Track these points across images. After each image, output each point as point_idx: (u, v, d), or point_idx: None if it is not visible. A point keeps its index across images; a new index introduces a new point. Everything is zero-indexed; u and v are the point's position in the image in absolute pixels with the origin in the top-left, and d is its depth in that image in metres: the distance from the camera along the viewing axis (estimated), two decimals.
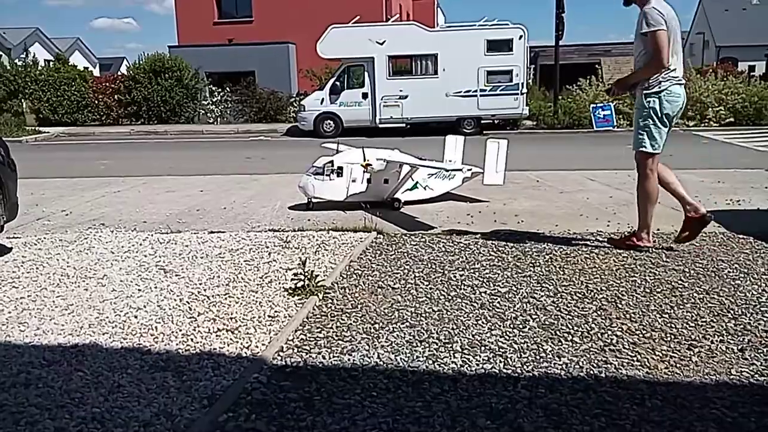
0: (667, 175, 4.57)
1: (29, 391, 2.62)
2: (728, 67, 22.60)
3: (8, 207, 4.80)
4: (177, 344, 3.09)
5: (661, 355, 2.89)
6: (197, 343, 3.10)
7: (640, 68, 4.38)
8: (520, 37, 16.48)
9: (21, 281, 4.15)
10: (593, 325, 3.24)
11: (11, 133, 17.97)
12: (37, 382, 2.70)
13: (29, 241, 5.24)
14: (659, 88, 4.30)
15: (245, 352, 2.98)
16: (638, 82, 4.39)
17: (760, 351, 2.91)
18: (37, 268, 4.45)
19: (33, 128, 20.40)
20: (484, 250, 4.71)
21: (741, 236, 4.95)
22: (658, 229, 5.25)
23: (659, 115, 4.33)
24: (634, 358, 2.85)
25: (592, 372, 2.73)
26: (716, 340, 3.03)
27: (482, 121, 16.96)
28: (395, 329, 3.24)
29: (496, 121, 17.27)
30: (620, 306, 3.51)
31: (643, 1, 4.31)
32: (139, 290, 3.92)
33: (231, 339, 3.14)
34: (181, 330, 3.26)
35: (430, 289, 3.87)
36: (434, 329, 3.23)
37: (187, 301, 3.69)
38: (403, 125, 17.17)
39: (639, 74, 4.37)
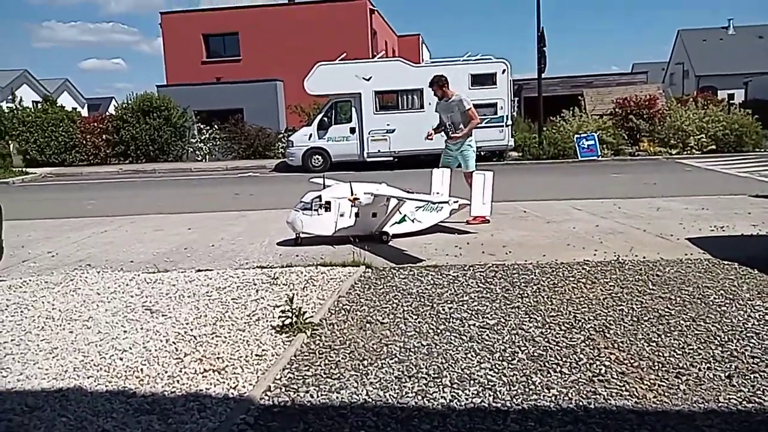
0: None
1: None
2: (708, 95, 23.08)
3: None
4: (163, 386, 3.05)
5: (649, 384, 2.89)
6: (183, 384, 3.06)
7: (466, 127, 7.39)
8: (504, 70, 16.83)
9: (5, 325, 4.10)
10: (582, 356, 3.24)
11: None
12: (19, 429, 2.65)
13: (14, 284, 5.18)
14: (472, 136, 7.53)
15: (232, 393, 2.95)
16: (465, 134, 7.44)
17: (747, 377, 2.92)
18: (21, 312, 4.40)
19: (20, 169, 20.41)
20: (472, 282, 4.72)
21: (726, 262, 4.99)
22: (645, 257, 5.31)
23: (474, 150, 7.50)
24: (623, 388, 2.85)
25: (581, 403, 2.73)
26: (704, 368, 3.04)
27: None
28: (384, 365, 3.22)
29: (482, 153, 17.41)
30: (608, 335, 3.52)
31: (452, 93, 7.55)
32: (125, 331, 3.88)
33: (218, 379, 3.10)
34: (167, 371, 3.22)
35: (419, 322, 3.86)
36: (423, 364, 3.21)
37: (174, 342, 3.66)
38: (391, 159, 17.31)
39: (468, 130, 7.34)
